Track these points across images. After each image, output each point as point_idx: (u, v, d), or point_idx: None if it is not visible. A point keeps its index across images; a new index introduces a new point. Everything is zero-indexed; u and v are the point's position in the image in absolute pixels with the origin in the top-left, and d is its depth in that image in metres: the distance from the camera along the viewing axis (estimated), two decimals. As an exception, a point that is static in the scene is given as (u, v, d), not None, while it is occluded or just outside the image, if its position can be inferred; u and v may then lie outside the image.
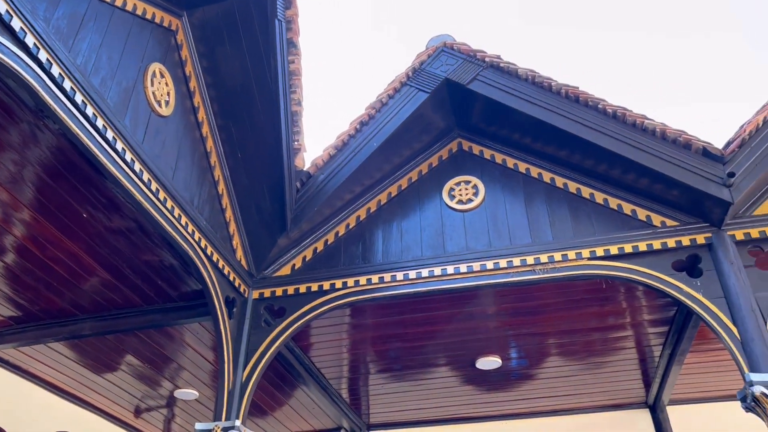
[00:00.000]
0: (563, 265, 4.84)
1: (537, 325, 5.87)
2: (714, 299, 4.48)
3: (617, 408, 7.30)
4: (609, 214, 5.00)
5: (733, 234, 4.66)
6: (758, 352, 4.14)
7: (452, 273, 4.96)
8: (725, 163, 4.58)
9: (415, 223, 5.35)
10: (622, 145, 4.80)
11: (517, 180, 5.38)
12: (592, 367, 6.53)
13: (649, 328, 5.88)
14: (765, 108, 4.64)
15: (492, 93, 5.23)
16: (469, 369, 6.55)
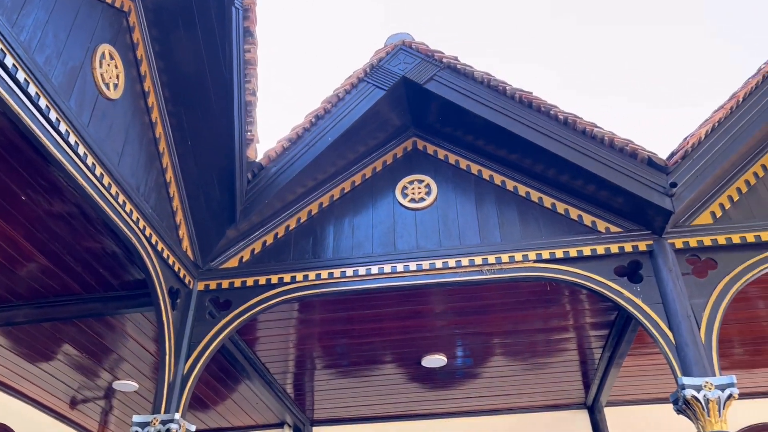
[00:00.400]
0: (510, 267, 4.91)
1: (483, 325, 5.95)
2: (652, 305, 4.63)
3: (557, 408, 7.48)
4: (556, 218, 5.10)
5: (673, 242, 4.82)
6: (691, 357, 4.30)
7: (402, 271, 4.98)
8: (668, 174, 4.74)
9: (367, 219, 5.35)
10: (571, 151, 4.90)
11: (469, 181, 5.44)
12: (535, 368, 6.67)
13: (590, 330, 6.04)
14: (708, 122, 4.81)
15: (448, 94, 5.26)
16: (415, 367, 6.60)
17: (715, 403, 4.09)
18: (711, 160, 4.75)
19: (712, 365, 4.27)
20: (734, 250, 4.74)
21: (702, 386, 4.13)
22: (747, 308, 5.71)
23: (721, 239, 4.77)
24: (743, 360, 6.58)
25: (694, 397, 4.11)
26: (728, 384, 4.14)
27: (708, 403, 4.09)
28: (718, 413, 4.08)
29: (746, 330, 6.05)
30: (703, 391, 4.11)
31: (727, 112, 4.81)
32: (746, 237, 4.75)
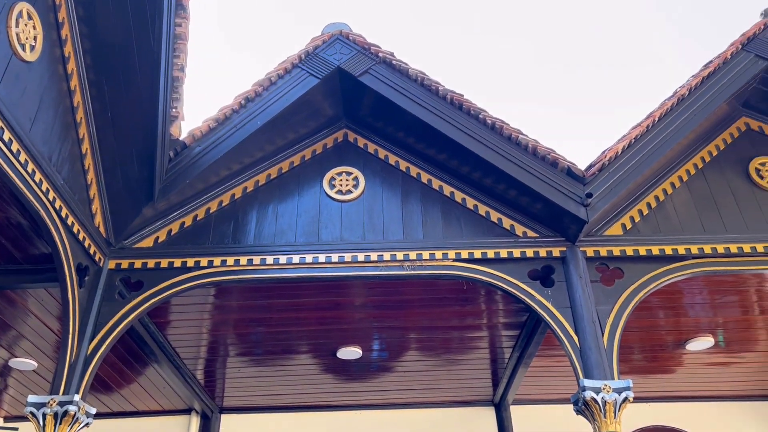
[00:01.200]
0: (430, 264, 4.99)
1: (400, 320, 6.02)
2: (561, 309, 4.82)
3: (465, 405, 7.67)
4: (477, 220, 5.22)
5: (585, 250, 5.04)
6: (593, 360, 4.51)
7: (324, 262, 4.96)
8: (585, 184, 4.94)
9: (292, 208, 5.29)
10: (496, 155, 5.03)
11: (396, 177, 5.48)
12: (447, 364, 6.81)
13: (502, 330, 6.23)
14: (625, 137, 5.05)
15: (382, 89, 5.28)
16: (330, 358, 6.59)
17: (611, 405, 4.31)
18: (626, 174, 4.99)
19: (612, 369, 4.50)
20: (640, 262, 5.01)
21: (601, 389, 4.34)
22: (648, 317, 6.04)
23: (629, 250, 5.02)
24: (641, 366, 6.97)
25: (593, 399, 4.32)
26: (625, 387, 4.37)
27: (605, 405, 4.30)
28: (613, 415, 4.30)
29: (646, 337, 6.41)
30: (601, 394, 4.32)
31: (644, 129, 5.06)
32: (652, 250, 5.02)
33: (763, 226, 5.16)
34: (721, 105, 5.32)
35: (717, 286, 5.63)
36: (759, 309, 5.99)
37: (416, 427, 7.54)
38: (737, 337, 6.45)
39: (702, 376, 7.23)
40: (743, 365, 7.01)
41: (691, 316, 6.09)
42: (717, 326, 6.24)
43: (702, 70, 5.30)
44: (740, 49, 5.40)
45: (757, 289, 5.69)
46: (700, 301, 5.87)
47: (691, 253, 5.01)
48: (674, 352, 6.68)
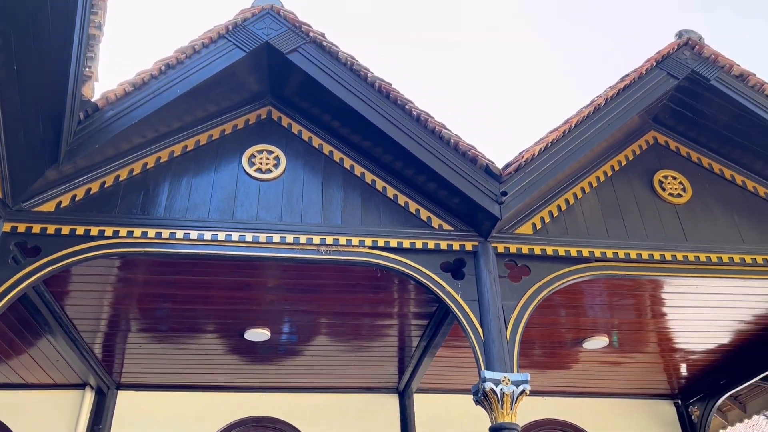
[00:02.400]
0: (346, 250, 4.98)
1: (312, 304, 5.99)
2: (469, 301, 4.94)
3: (370, 391, 7.74)
4: (396, 209, 5.25)
5: (496, 246, 5.19)
6: (495, 353, 4.65)
7: (237, 241, 4.85)
8: (501, 183, 5.07)
9: (207, 182, 5.13)
10: (419, 147, 5.07)
11: (319, 160, 5.42)
12: (355, 350, 6.84)
13: (412, 320, 6.32)
14: (542, 140, 5.22)
15: (310, 69, 5.20)
16: (236, 339, 6.47)
17: (509, 397, 4.47)
18: (540, 176, 5.16)
19: (512, 362, 4.67)
20: (547, 261, 5.21)
21: (501, 381, 4.49)
22: (550, 314, 6.29)
23: (537, 249, 5.21)
24: (540, 361, 7.27)
25: (492, 390, 4.46)
26: (523, 381, 4.55)
27: (503, 397, 4.46)
28: (510, 407, 4.46)
29: (546, 334, 6.69)
30: (500, 386, 4.47)
31: (560, 134, 5.25)
32: (558, 250, 5.23)
33: (662, 235, 5.49)
34: (633, 117, 5.60)
35: (616, 289, 5.94)
36: (651, 313, 6.38)
37: (319, 411, 7.55)
38: (630, 339, 6.84)
39: (595, 374, 7.63)
40: (633, 365, 7.45)
41: (590, 316, 6.41)
42: (612, 327, 6.59)
43: (618, 83, 5.55)
44: (654, 66, 5.69)
45: (651, 294, 6.05)
46: (599, 302, 6.18)
47: (595, 256, 5.26)
48: (571, 350, 7.01)
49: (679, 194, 5.74)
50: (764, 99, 5.63)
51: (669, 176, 5.84)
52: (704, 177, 5.95)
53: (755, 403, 8.58)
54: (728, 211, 5.76)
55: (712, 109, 5.86)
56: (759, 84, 5.64)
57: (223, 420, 7.35)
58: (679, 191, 5.76)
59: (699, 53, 5.81)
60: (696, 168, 6.00)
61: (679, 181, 5.82)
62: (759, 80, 5.65)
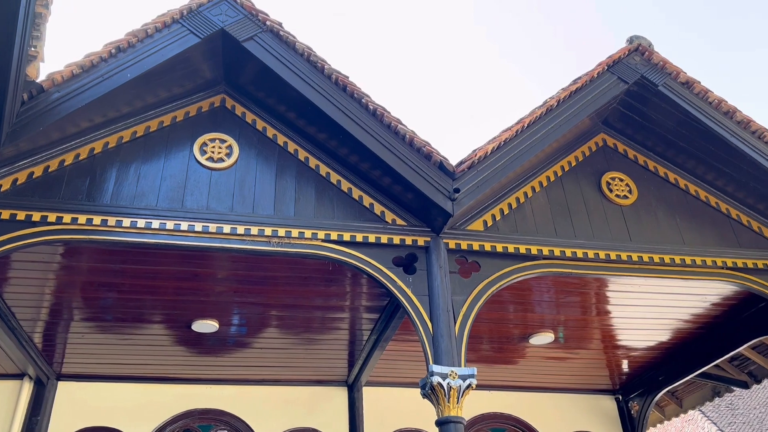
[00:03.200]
0: (299, 242, 4.95)
1: (263, 296, 5.94)
2: (420, 296, 4.99)
3: (319, 384, 7.73)
4: (350, 203, 5.25)
5: (448, 242, 5.24)
6: (444, 347, 4.71)
7: (186, 230, 4.76)
8: (455, 179, 5.12)
9: (156, 170, 5.01)
10: (375, 142, 5.07)
11: (273, 150, 5.37)
12: (306, 343, 6.82)
13: (363, 313, 6.34)
14: (495, 139, 5.29)
15: (266, 58, 5.13)
16: (184, 330, 6.37)
17: (456, 390, 4.54)
18: (492, 174, 5.23)
19: (460, 357, 4.74)
20: (496, 258, 5.30)
21: (448, 374, 4.56)
22: (499, 310, 6.41)
23: (488, 246, 5.29)
24: (487, 355, 7.39)
25: (439, 384, 4.52)
26: (470, 375, 4.62)
27: (450, 390, 4.52)
28: (456, 400, 4.53)
29: (494, 329, 6.81)
30: (447, 379, 4.53)
31: (513, 134, 5.33)
32: (508, 247, 5.33)
33: (608, 235, 5.64)
34: (584, 119, 5.73)
35: (562, 286, 6.09)
36: (596, 310, 6.56)
37: (268, 404, 7.50)
38: (575, 335, 7.03)
39: (541, 369, 7.81)
40: (577, 361, 7.66)
41: (537, 313, 6.55)
42: (558, 323, 6.76)
43: (571, 85, 5.67)
44: (606, 70, 5.84)
45: (596, 292, 6.22)
46: (546, 299, 6.32)
47: (543, 254, 5.38)
48: (518, 345, 7.16)
49: (626, 196, 5.91)
50: (707, 106, 5.84)
51: (616, 178, 6.01)
52: (650, 180, 6.15)
53: (691, 398, 8.94)
54: (671, 213, 5.97)
55: (659, 114, 6.05)
56: (703, 92, 5.85)
57: (168, 412, 7.23)
58: (625, 193, 5.93)
59: (648, 59, 5.98)
60: (642, 171, 6.19)
61: (625, 183, 6.00)
62: (703, 88, 5.86)
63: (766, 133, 5.79)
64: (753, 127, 5.80)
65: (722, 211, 6.13)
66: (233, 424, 7.32)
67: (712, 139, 5.88)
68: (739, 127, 5.81)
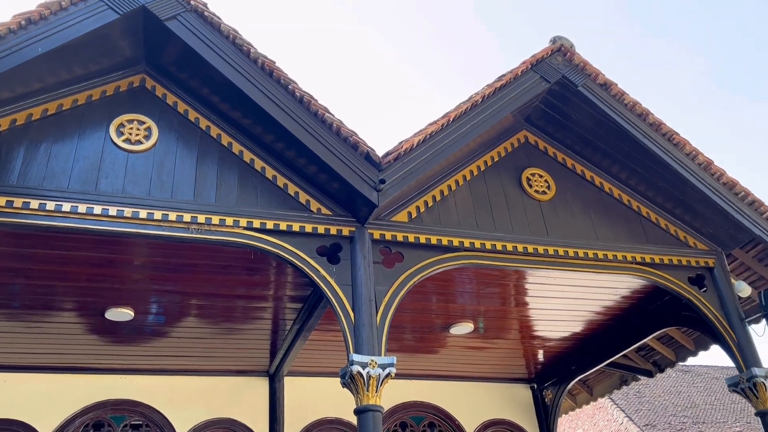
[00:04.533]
0: (219, 230, 4.85)
1: (181, 284, 5.78)
2: (343, 286, 4.99)
3: (239, 374, 7.62)
4: (274, 191, 5.18)
5: (372, 233, 5.27)
6: (365, 337, 4.74)
7: (100, 214, 4.56)
8: (381, 170, 5.14)
9: (69, 150, 4.77)
10: (301, 129, 5.02)
11: (194, 134, 5.22)
12: (226, 333, 6.70)
13: (287, 303, 6.28)
14: (421, 132, 5.34)
15: (190, 39, 4.97)
16: (97, 318, 6.11)
17: (375, 379, 4.57)
18: (418, 166, 5.29)
19: (381, 346, 4.78)
20: (419, 249, 5.37)
21: (368, 364, 4.59)
22: (422, 300, 6.50)
23: (411, 237, 5.36)
24: (409, 345, 7.50)
25: (359, 373, 4.54)
26: (389, 364, 4.67)
27: (369, 380, 4.55)
28: (375, 389, 4.57)
29: (416, 319, 6.90)
30: (367, 368, 4.56)
31: (439, 127, 5.40)
32: (431, 239, 5.41)
33: (526, 229, 5.83)
34: (507, 116, 5.88)
35: (483, 278, 6.24)
36: (514, 302, 6.78)
37: (185, 395, 7.32)
38: (493, 326, 7.23)
39: (460, 358, 8.00)
40: (495, 350, 7.88)
41: (458, 303, 6.69)
42: (478, 314, 6.93)
43: (495, 82, 5.80)
44: (529, 69, 6.00)
45: (515, 284, 6.42)
46: (467, 290, 6.47)
47: (464, 246, 5.49)
48: (439, 335, 7.29)
49: (544, 191, 6.12)
50: (623, 108, 6.11)
51: (536, 174, 6.20)
52: (568, 177, 6.38)
53: (601, 386, 9.39)
54: (586, 209, 6.22)
55: (578, 114, 6.28)
56: (620, 93, 6.11)
57: (78, 403, 6.93)
58: (544, 189, 6.13)
59: (570, 60, 6.19)
60: (561, 168, 6.42)
61: (545, 180, 6.20)
62: (620, 90, 6.13)
63: (675, 135, 6.12)
64: (664, 130, 6.12)
65: (633, 208, 6.44)
66: (148, 415, 7.11)
67: (626, 139, 6.16)
68: (651, 129, 6.11)
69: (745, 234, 6.23)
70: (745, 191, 6.14)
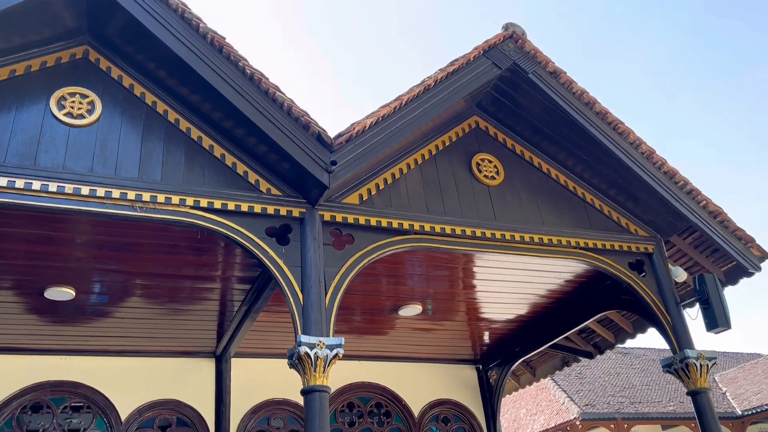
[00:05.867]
0: (165, 208, 4.74)
1: (125, 263, 5.64)
2: (292, 267, 4.97)
3: (185, 355, 7.51)
4: (222, 170, 5.09)
5: (323, 214, 5.25)
6: (313, 318, 4.75)
7: (39, 190, 4.40)
8: (332, 152, 5.11)
9: (6, 123, 4.57)
10: (251, 108, 4.93)
11: (140, 110, 5.07)
12: (172, 314, 6.59)
13: (235, 284, 6.21)
14: (374, 114, 5.33)
15: (135, 10, 4.80)
16: (36, 297, 5.91)
17: (322, 360, 4.59)
18: (370, 148, 5.28)
19: (329, 327, 4.79)
20: (370, 231, 5.39)
21: (316, 345, 4.60)
22: (372, 282, 6.54)
23: (362, 219, 5.37)
24: (358, 326, 7.54)
25: (306, 354, 4.55)
26: (337, 345, 4.69)
27: (317, 360, 4.57)
28: (323, 370, 4.59)
29: (366, 301, 6.94)
30: (315, 349, 4.57)
31: (391, 110, 5.40)
32: (381, 222, 5.44)
33: (475, 213, 5.91)
34: (459, 101, 5.93)
35: (432, 261, 6.31)
36: (462, 285, 6.89)
37: (128, 376, 7.18)
38: (441, 308, 7.33)
39: (408, 340, 8.09)
40: (443, 332, 8.01)
41: (408, 286, 6.76)
42: (427, 296, 7.02)
43: (448, 66, 5.82)
44: (481, 55, 6.04)
45: (463, 267, 6.52)
46: (417, 272, 6.53)
47: (414, 229, 5.54)
48: (388, 317, 7.35)
49: (493, 177, 6.21)
50: (571, 96, 6.23)
51: (486, 159, 6.28)
52: (516, 163, 6.49)
53: (544, 367, 9.67)
54: (533, 195, 6.35)
55: (528, 101, 6.38)
56: (568, 82, 6.23)
57: (14, 385, 6.71)
58: (493, 174, 6.22)
59: (521, 47, 6.26)
60: (510, 154, 6.52)
61: (494, 165, 6.29)
62: (569, 78, 6.24)
63: (620, 125, 6.29)
64: (609, 119, 6.28)
65: (578, 195, 6.61)
66: (89, 396, 6.94)
67: (573, 127, 6.29)
68: (597, 118, 6.26)
69: (683, 221, 6.48)
70: (684, 180, 6.38)
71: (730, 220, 6.46)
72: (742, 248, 6.48)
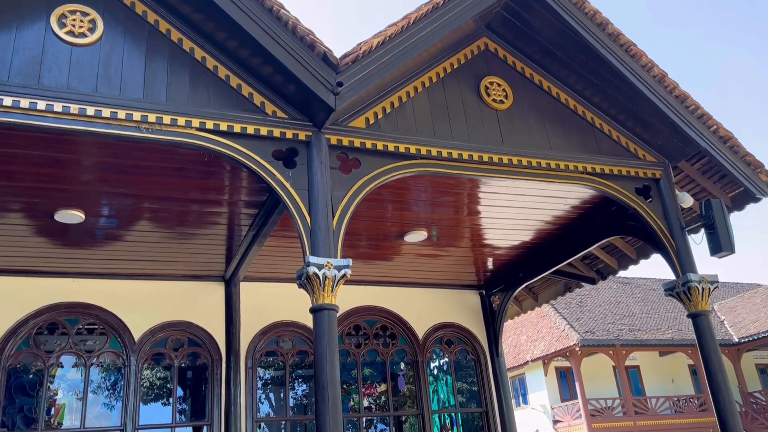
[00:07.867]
0: (170, 130, 4.72)
1: (133, 186, 5.66)
2: (300, 190, 4.99)
3: (195, 279, 7.65)
4: (227, 91, 5.03)
5: (329, 138, 5.22)
6: (321, 240, 4.80)
7: (44, 110, 4.37)
8: (338, 73, 5.02)
9: (7, 42, 4.48)
10: (255, 26, 4.82)
11: (143, 29, 4.95)
12: (181, 237, 6.66)
13: (243, 208, 6.25)
14: (381, 34, 5.20)
15: None
16: (46, 220, 5.97)
17: (331, 280, 4.67)
18: (376, 69, 5.19)
19: (336, 249, 4.85)
20: (376, 155, 5.37)
21: (324, 265, 4.67)
22: (378, 208, 6.56)
23: (369, 144, 5.33)
24: (364, 252, 7.62)
25: (315, 274, 4.63)
26: (344, 266, 4.76)
27: (325, 280, 4.65)
28: (331, 289, 4.68)
29: (372, 226, 6.99)
30: (323, 269, 4.65)
31: (399, 29, 5.26)
32: (388, 146, 5.40)
33: (483, 137, 5.86)
34: (468, 21, 5.76)
35: (438, 186, 6.31)
36: (467, 211, 6.91)
37: (140, 298, 7.34)
38: (446, 234, 7.39)
39: (413, 265, 8.20)
40: (447, 258, 8.11)
41: (413, 212, 6.78)
42: (432, 222, 7.06)
43: (458, -16, 5.62)
44: (492, -28, 5.82)
45: (469, 193, 6.52)
46: (422, 198, 6.54)
47: (420, 154, 5.51)
48: (394, 242, 7.42)
49: (502, 101, 6.11)
50: (584, 16, 6.04)
51: (494, 82, 6.17)
52: (525, 86, 6.37)
53: (546, 293, 9.84)
54: (541, 119, 6.27)
55: (539, 21, 6.19)
56: (581, 1, 6.03)
57: (30, 305, 6.89)
58: (501, 98, 6.13)
59: (534, -35, 6.02)
60: (519, 77, 6.39)
61: (503, 88, 6.18)
62: (582, -1, 6.04)
63: (632, 47, 6.13)
64: (622, 40, 6.12)
65: (587, 119, 6.52)
66: (103, 317, 7.13)
67: (584, 49, 6.14)
68: (610, 39, 6.09)
69: (692, 147, 6.42)
70: (695, 104, 6.28)
71: (740, 145, 6.40)
72: (750, 174, 6.45)
